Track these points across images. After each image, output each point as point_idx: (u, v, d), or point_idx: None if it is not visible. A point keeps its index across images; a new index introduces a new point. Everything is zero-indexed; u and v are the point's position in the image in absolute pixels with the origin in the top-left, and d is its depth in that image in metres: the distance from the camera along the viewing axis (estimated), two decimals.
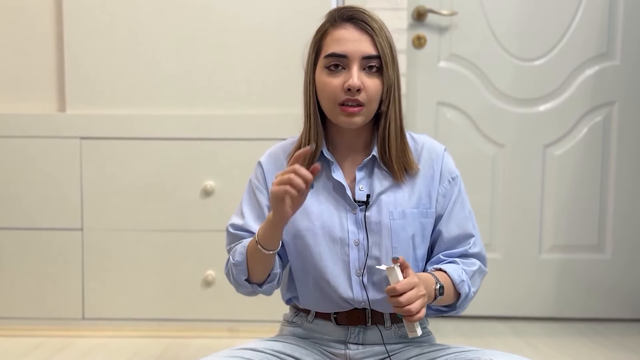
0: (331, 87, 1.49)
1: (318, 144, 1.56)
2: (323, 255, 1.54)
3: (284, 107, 2.89)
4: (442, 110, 3.18)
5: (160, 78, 2.94)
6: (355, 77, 1.46)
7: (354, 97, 1.47)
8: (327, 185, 1.57)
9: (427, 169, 1.59)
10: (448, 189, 1.59)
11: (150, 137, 2.90)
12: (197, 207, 2.91)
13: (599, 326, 3.12)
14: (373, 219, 1.53)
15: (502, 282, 3.21)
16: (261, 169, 1.64)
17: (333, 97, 1.49)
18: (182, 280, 2.93)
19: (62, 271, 2.93)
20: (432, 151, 1.61)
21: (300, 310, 1.65)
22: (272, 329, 1.79)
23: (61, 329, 2.91)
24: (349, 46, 1.48)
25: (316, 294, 1.57)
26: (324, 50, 1.53)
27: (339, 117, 1.50)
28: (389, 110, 1.53)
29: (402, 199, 1.55)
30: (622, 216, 3.21)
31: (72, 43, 2.93)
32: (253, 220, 1.61)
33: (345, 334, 1.58)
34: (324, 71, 1.52)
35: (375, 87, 1.49)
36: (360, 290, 1.53)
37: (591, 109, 3.18)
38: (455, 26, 3.16)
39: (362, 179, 1.56)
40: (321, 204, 1.56)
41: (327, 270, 1.54)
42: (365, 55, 1.48)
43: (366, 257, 1.53)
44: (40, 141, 2.91)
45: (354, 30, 1.50)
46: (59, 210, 2.92)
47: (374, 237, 1.53)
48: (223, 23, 2.92)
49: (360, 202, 1.54)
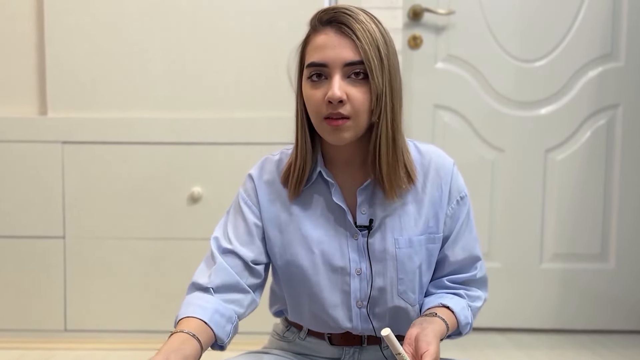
0: (314, 100, 1.39)
1: (310, 162, 1.47)
2: (321, 285, 1.48)
3: (273, 110, 2.89)
4: (439, 114, 3.18)
5: (145, 80, 2.94)
6: (335, 88, 1.34)
7: (335, 111, 1.35)
8: (326, 208, 1.49)
9: (435, 189, 1.50)
10: (456, 210, 1.52)
11: (135, 142, 2.90)
12: (184, 214, 2.91)
13: (603, 338, 3.12)
14: (377, 246, 1.46)
15: (502, 292, 3.20)
16: (252, 183, 1.55)
17: (317, 111, 1.39)
18: (168, 291, 2.93)
19: (43, 281, 2.93)
20: (441, 168, 1.52)
21: (292, 325, 1.61)
22: (261, 341, 1.78)
23: (42, 341, 2.90)
24: (328, 53, 1.37)
25: (310, 317, 1.53)
26: (306, 59, 1.43)
27: (325, 133, 1.40)
28: (379, 122, 1.39)
29: (408, 224, 1.48)
30: (627, 224, 3.20)
31: (54, 43, 2.93)
32: (236, 240, 1.50)
33: (339, 353, 1.55)
34: (307, 82, 1.41)
35: (361, 96, 1.36)
36: (359, 321, 1.49)
37: (594, 112, 3.18)
38: (453, 26, 3.16)
39: (364, 202, 1.47)
40: (320, 229, 1.49)
41: (326, 302, 1.48)
42: (347, 62, 1.35)
43: (370, 287, 1.47)
44: (20, 146, 2.91)
45: (333, 35, 1.38)
46: (40, 217, 2.92)
47: (377, 265, 1.46)
48: (210, 23, 2.92)
49: (362, 226, 1.47)
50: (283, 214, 1.51)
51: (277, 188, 1.53)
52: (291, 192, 1.49)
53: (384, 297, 1.48)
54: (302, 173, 1.48)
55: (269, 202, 1.52)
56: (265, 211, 1.52)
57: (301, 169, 1.47)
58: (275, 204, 1.52)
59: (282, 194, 1.52)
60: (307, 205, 1.50)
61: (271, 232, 1.51)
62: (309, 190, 1.51)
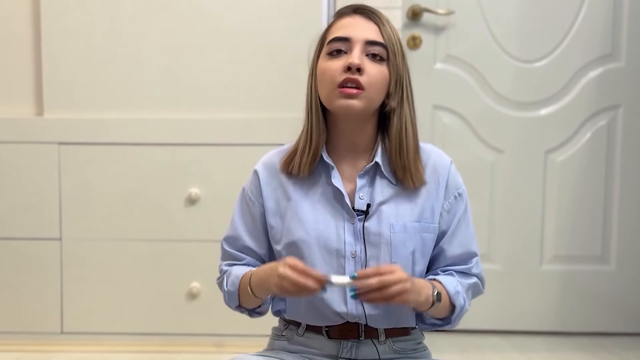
0: (330, 69, 1.47)
1: (319, 145, 1.53)
2: (317, 267, 1.50)
3: (272, 111, 2.89)
4: (438, 115, 3.19)
5: (142, 80, 2.94)
6: (356, 57, 1.45)
7: (353, 77, 1.44)
8: (325, 191, 1.55)
9: (432, 182, 1.55)
10: (454, 205, 1.57)
11: (132, 143, 2.90)
12: (181, 215, 2.91)
13: (603, 341, 3.12)
14: (372, 230, 1.51)
15: (502, 294, 3.20)
16: (257, 178, 1.61)
17: (331, 80, 1.46)
18: (165, 293, 2.93)
19: (39, 283, 2.93)
20: (439, 163, 1.58)
21: (290, 323, 1.63)
22: (260, 343, 1.79)
23: (39, 344, 2.90)
24: (352, 30, 1.48)
25: (307, 307, 1.55)
26: (328, 38, 1.52)
27: (337, 101, 1.46)
28: (402, 109, 1.51)
29: (404, 211, 1.52)
30: (627, 225, 3.21)
31: (50, 44, 2.92)
32: (247, 236, 1.60)
33: (337, 348, 1.56)
34: (324, 58, 1.51)
35: (377, 72, 1.47)
36: (355, 305, 1.51)
37: (595, 113, 3.19)
38: (452, 26, 3.16)
39: (363, 187, 1.53)
40: (317, 212, 1.54)
41: None
42: (369, 40, 1.47)
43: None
44: (16, 147, 2.91)
45: (360, 18, 1.51)
46: (36, 219, 2.92)
47: (372, 249, 1.51)
48: (208, 22, 2.92)
49: (360, 211, 1.52)
50: (283, 201, 1.58)
51: (278, 176, 1.59)
52: (303, 170, 1.54)
53: None
54: (316, 151, 1.54)
55: (271, 191, 1.59)
56: (267, 201, 1.59)
57: (316, 146, 1.54)
58: (277, 192, 1.59)
59: (283, 181, 1.58)
60: (306, 189, 1.56)
61: (273, 221, 1.59)
62: (310, 175, 1.56)
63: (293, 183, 1.57)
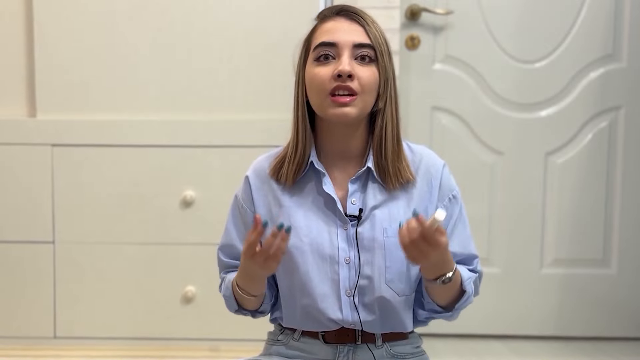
0: (320, 76, 1.47)
1: (305, 154, 1.54)
2: (311, 274, 1.52)
3: (268, 112, 2.89)
4: (436, 116, 3.19)
5: (136, 81, 2.94)
6: (345, 63, 1.44)
7: (345, 84, 1.44)
8: (317, 198, 1.55)
9: (425, 184, 1.56)
10: (448, 207, 1.56)
11: (126, 144, 2.90)
12: (176, 218, 2.91)
13: (604, 345, 3.12)
14: (365, 235, 1.52)
15: (501, 298, 3.20)
16: (248, 185, 1.62)
17: (322, 88, 1.46)
18: (160, 297, 2.93)
19: (32, 287, 2.93)
20: (431, 165, 1.58)
21: (286, 328, 1.64)
22: (256, 348, 1.79)
23: (31, 349, 2.90)
24: (338, 35, 1.48)
25: (303, 313, 1.56)
26: (313, 43, 1.52)
27: (329, 110, 1.47)
28: (385, 108, 1.51)
29: (397, 215, 1.52)
30: (629, 228, 3.20)
31: (43, 44, 2.93)
32: (241, 243, 1.59)
33: (333, 352, 1.57)
34: (312, 64, 1.50)
35: (369, 75, 1.47)
36: (350, 311, 1.52)
37: (596, 114, 3.19)
38: (451, 26, 3.16)
39: (355, 192, 1.54)
40: (310, 219, 1.54)
41: (315, 291, 1.52)
42: (357, 43, 1.47)
43: (357, 276, 1.51)
44: (9, 148, 2.91)
45: (344, 20, 1.50)
46: (29, 221, 2.92)
47: (366, 254, 1.51)
48: (203, 24, 2.92)
49: (352, 216, 1.52)
50: (275, 207, 1.58)
51: (269, 182, 1.60)
52: (289, 179, 1.55)
53: (372, 286, 1.52)
54: (302, 160, 1.54)
55: (263, 197, 1.60)
56: (259, 208, 1.60)
57: (301, 156, 1.54)
58: (268, 198, 1.59)
59: (274, 187, 1.59)
60: (298, 196, 1.57)
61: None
62: (301, 181, 1.57)
63: (284, 189, 1.57)
